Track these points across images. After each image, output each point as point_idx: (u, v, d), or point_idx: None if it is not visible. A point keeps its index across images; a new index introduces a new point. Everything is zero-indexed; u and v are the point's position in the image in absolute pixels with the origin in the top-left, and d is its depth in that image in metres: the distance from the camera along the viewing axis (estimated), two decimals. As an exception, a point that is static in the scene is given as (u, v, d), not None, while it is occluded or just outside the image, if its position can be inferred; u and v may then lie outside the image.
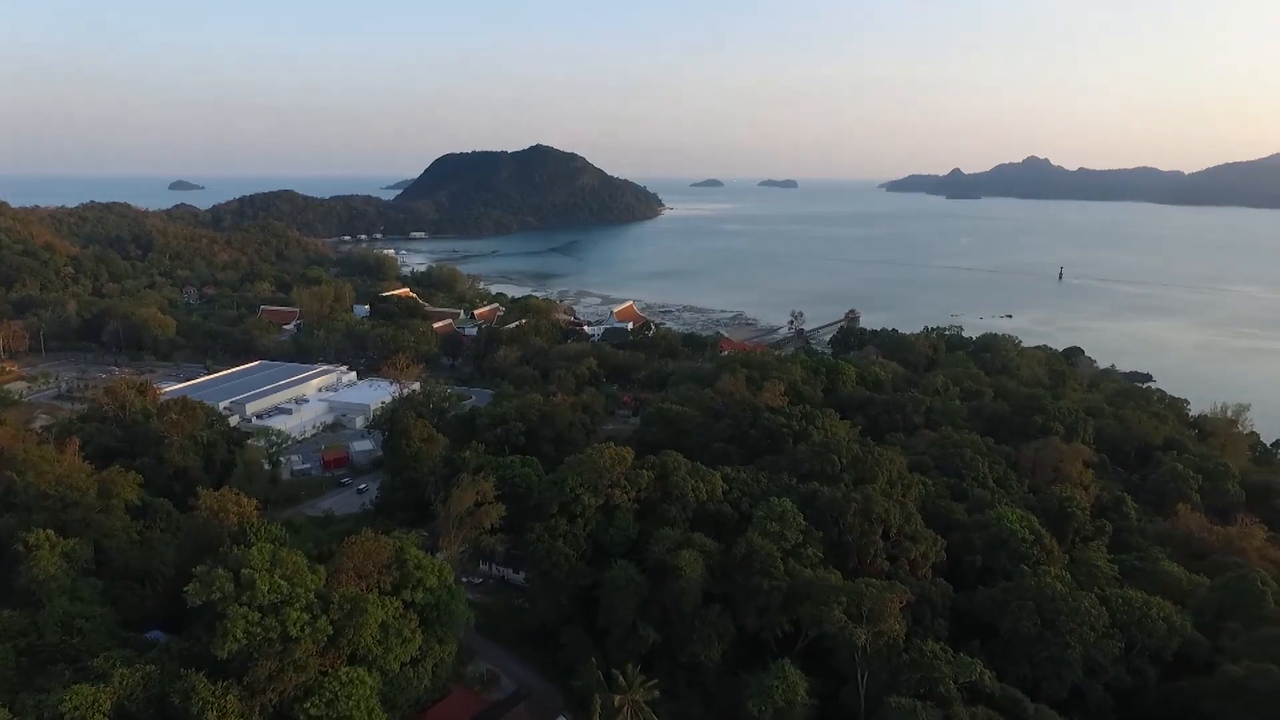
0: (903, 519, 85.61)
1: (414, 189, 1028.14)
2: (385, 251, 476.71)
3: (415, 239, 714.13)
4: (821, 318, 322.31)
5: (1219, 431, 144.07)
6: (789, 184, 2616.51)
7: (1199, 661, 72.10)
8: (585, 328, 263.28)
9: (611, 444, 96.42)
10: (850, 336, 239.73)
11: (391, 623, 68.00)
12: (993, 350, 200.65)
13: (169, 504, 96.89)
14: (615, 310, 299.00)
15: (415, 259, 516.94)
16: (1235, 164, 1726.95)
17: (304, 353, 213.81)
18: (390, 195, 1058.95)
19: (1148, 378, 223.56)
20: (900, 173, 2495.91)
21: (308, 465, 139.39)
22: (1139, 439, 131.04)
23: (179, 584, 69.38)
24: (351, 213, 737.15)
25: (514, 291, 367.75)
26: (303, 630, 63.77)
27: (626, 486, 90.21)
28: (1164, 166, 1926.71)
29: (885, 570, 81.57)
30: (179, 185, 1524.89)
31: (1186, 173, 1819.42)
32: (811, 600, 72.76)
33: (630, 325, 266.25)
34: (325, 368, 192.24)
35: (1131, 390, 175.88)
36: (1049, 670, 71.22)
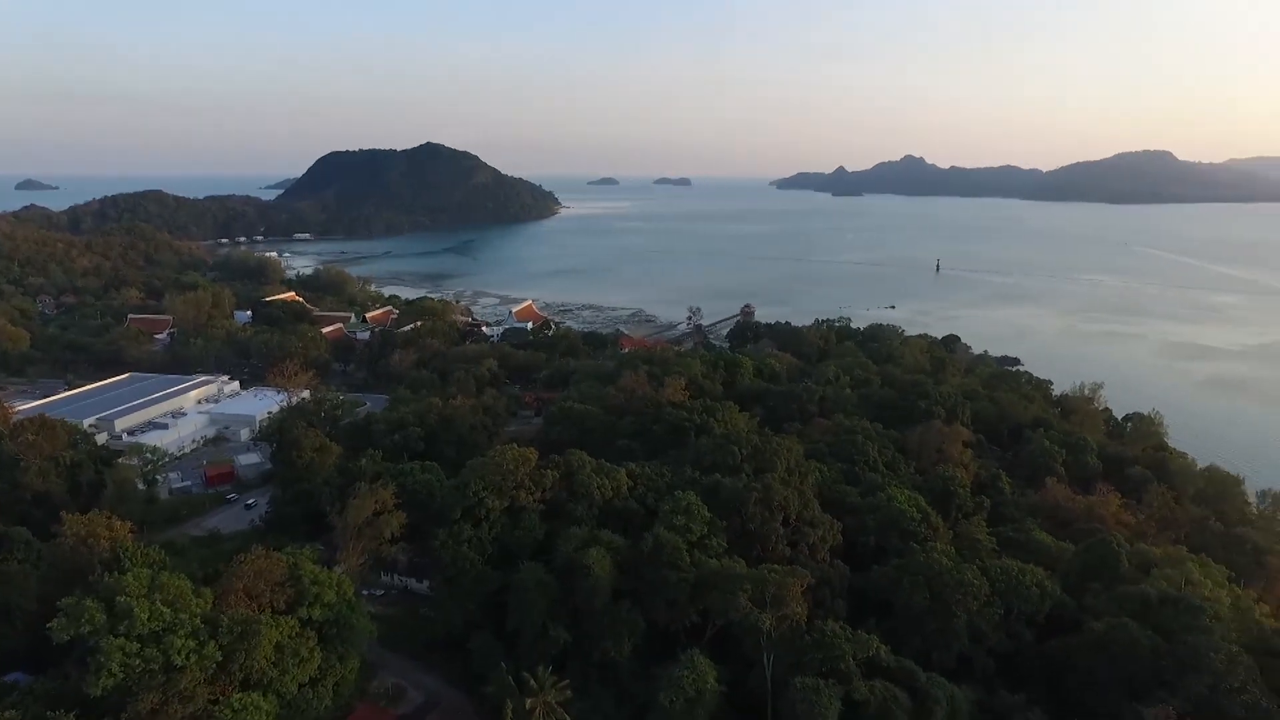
0: (801, 505, 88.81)
1: (297, 188, 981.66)
2: (268, 254, 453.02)
3: (300, 241, 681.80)
4: (719, 313, 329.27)
5: (1079, 409, 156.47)
6: (683, 182, 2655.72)
7: (1068, 621, 78.10)
8: (484, 328, 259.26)
9: (515, 445, 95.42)
10: (747, 330, 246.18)
11: (288, 643, 64.93)
12: (879, 340, 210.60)
13: (27, 533, 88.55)
14: (514, 310, 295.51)
15: (301, 261, 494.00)
16: (1085, 163, 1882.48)
17: (180, 363, 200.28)
18: (271, 195, 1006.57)
19: (1016, 362, 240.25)
20: (789, 171, 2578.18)
21: (189, 483, 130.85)
22: (1011, 419, 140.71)
23: (44, 619, 63.80)
24: (229, 214, 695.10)
25: (408, 293, 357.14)
26: (188, 658, 60.00)
27: (531, 487, 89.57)
28: (1024, 165, 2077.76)
29: (786, 556, 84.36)
30: (27, 185, 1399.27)
31: (1044, 171, 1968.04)
32: (718, 590, 74.43)
33: (530, 325, 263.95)
34: (205, 378, 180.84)
35: (1003, 374, 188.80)
36: (938, 640, 75.51)
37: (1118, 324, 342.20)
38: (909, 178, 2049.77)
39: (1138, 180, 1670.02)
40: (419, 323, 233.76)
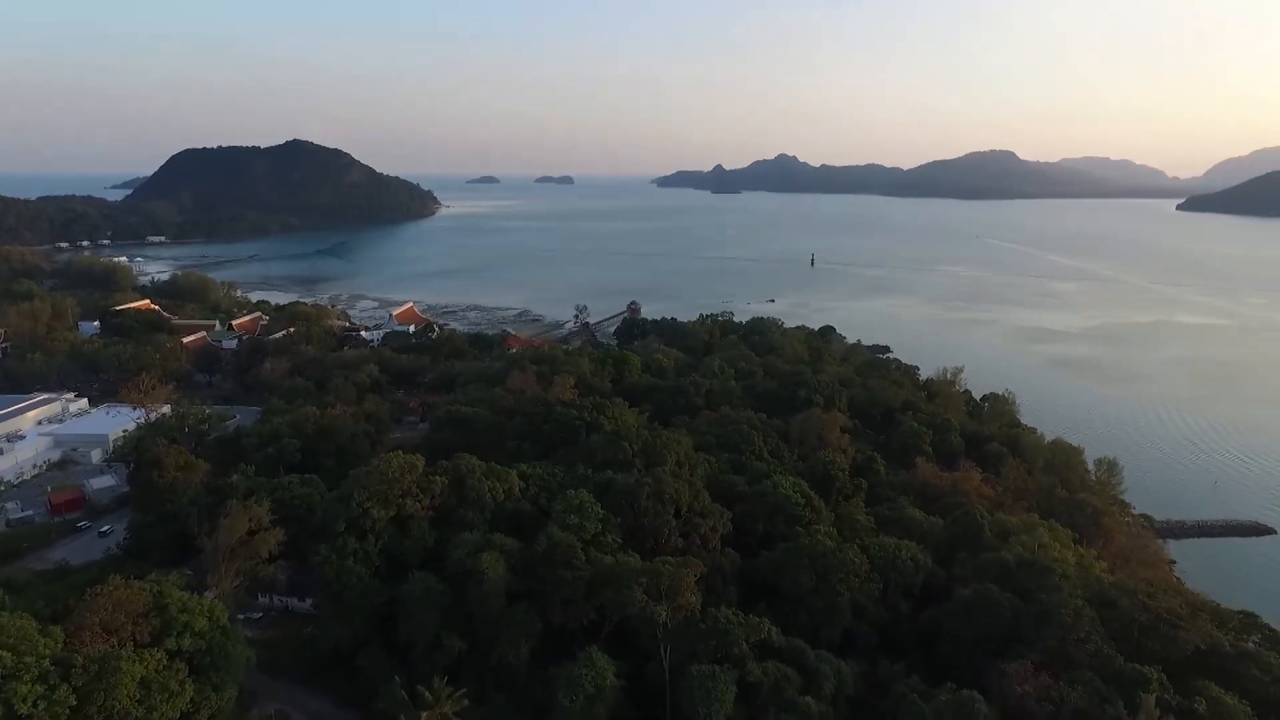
0: (692, 497, 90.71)
1: (148, 188, 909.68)
2: (117, 259, 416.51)
3: (154, 244, 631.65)
4: (605, 310, 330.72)
5: (942, 392, 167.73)
6: (566, 180, 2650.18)
7: (939, 590, 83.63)
8: (363, 333, 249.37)
9: (400, 452, 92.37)
10: (633, 327, 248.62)
11: (154, 677, 60.23)
12: (760, 332, 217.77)
13: None
14: (394, 313, 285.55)
15: (155, 267, 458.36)
16: (941, 162, 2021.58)
17: (15, 381, 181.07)
18: (119, 195, 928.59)
19: (887, 349, 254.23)
20: (670, 169, 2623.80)
21: (30, 512, 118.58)
22: (883, 403, 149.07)
23: None
24: (69, 216, 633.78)
25: (278, 298, 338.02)
26: (36, 705, 54.64)
27: (419, 495, 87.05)
28: (888, 164, 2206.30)
29: (679, 547, 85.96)
30: None
31: (905, 169, 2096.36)
32: (613, 585, 74.92)
33: (412, 328, 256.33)
34: (46, 396, 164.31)
35: (875, 361, 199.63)
36: (824, 618, 79.07)
37: (973, 311, 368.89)
38: (783, 175, 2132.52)
39: (986, 177, 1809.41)
40: (291, 329, 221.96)
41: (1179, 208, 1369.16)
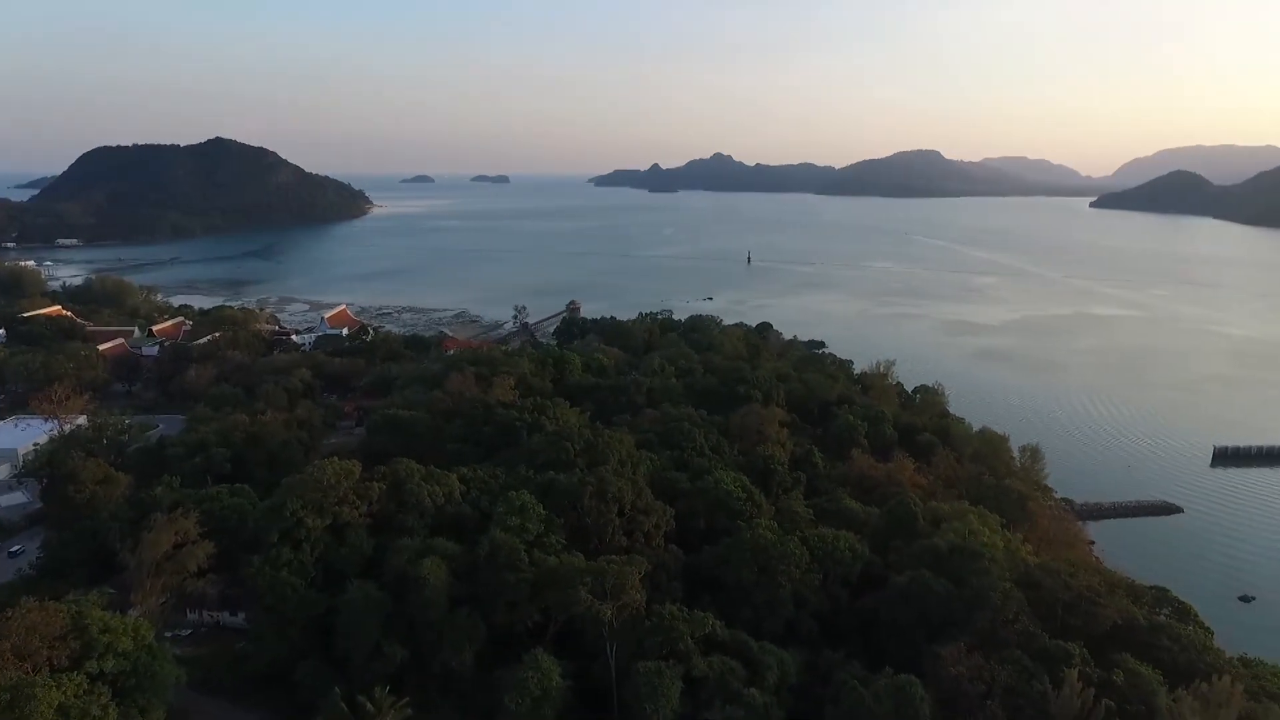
0: (635, 495, 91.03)
1: (58, 188, 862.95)
2: (23, 263, 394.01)
3: (65, 247, 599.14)
4: (544, 310, 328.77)
5: (876, 385, 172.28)
6: (502, 179, 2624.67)
7: (876, 578, 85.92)
8: (294, 337, 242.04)
9: (335, 459, 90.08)
10: (573, 327, 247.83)
11: (73, 703, 57.31)
12: (700, 330, 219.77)
13: None
14: (327, 316, 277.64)
15: (68, 271, 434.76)
16: (870, 161, 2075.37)
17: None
18: (25, 195, 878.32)
19: (822, 344, 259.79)
20: (607, 168, 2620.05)
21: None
22: (819, 397, 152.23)
23: None
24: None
25: (203, 302, 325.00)
26: (-55, 738, 51.39)
27: (356, 501, 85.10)
28: (820, 163, 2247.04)
29: (623, 545, 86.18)
30: None
31: (837, 168, 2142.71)
32: (558, 586, 74.68)
33: (345, 331, 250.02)
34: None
35: (811, 357, 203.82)
36: (767, 610, 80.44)
37: (903, 306, 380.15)
38: (719, 174, 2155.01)
39: (914, 176, 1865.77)
40: (217, 334, 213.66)
41: (1092, 205, 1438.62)
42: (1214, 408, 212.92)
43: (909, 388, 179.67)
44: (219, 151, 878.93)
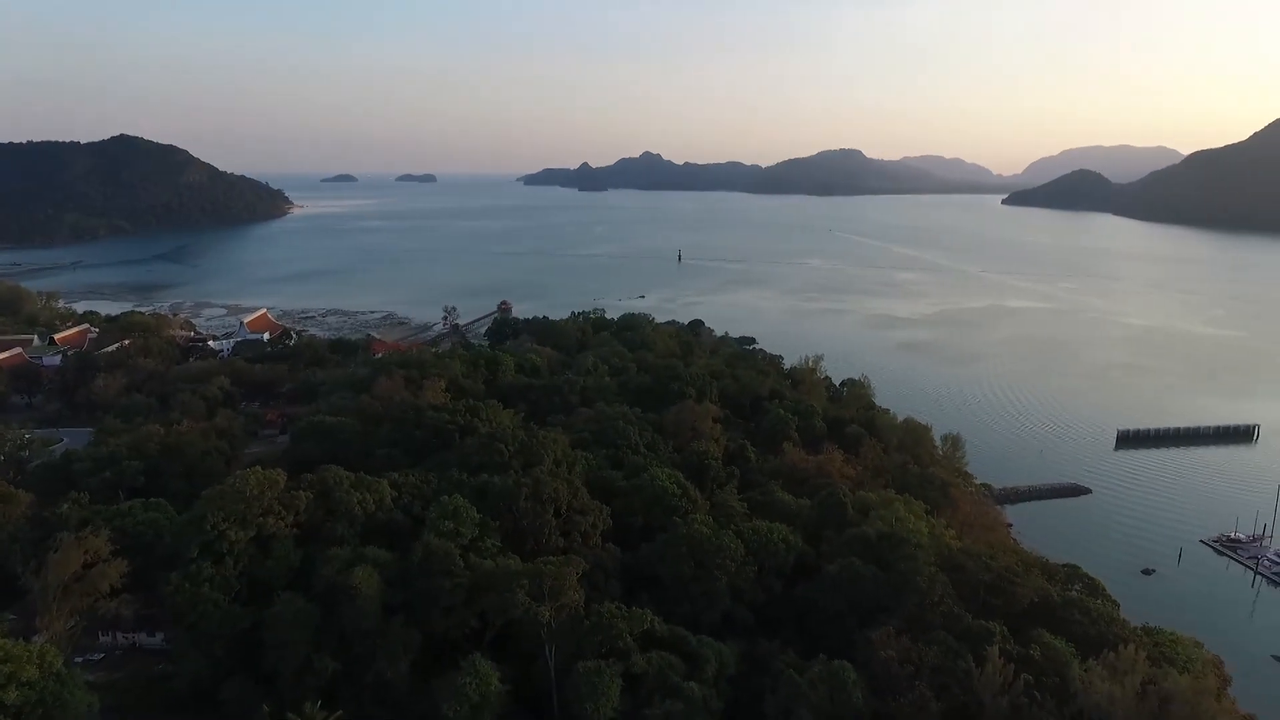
0: (571, 495, 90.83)
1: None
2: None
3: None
4: (475, 311, 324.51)
5: (805, 379, 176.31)
6: (428, 178, 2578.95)
7: (809, 568, 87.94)
8: (211, 343, 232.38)
9: (259, 468, 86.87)
10: (505, 327, 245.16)
11: (-24, 737, 53.82)
12: (632, 328, 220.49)
13: None
14: (246, 320, 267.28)
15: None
16: (796, 160, 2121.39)
17: None
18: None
19: (753, 340, 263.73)
20: (536, 166, 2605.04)
21: None
22: (751, 392, 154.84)
23: None
24: None
25: (110, 308, 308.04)
26: None
27: (282, 512, 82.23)
28: (747, 161, 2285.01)
29: (560, 546, 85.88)
30: None
31: (763, 166, 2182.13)
32: (495, 590, 73.90)
33: (266, 335, 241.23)
34: None
35: (742, 353, 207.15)
36: (704, 604, 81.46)
37: (829, 302, 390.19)
38: (648, 173, 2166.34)
39: (837, 175, 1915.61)
40: (127, 341, 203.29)
41: (1004, 202, 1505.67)
42: (1117, 393, 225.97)
43: (837, 381, 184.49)
44: (124, 149, 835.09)
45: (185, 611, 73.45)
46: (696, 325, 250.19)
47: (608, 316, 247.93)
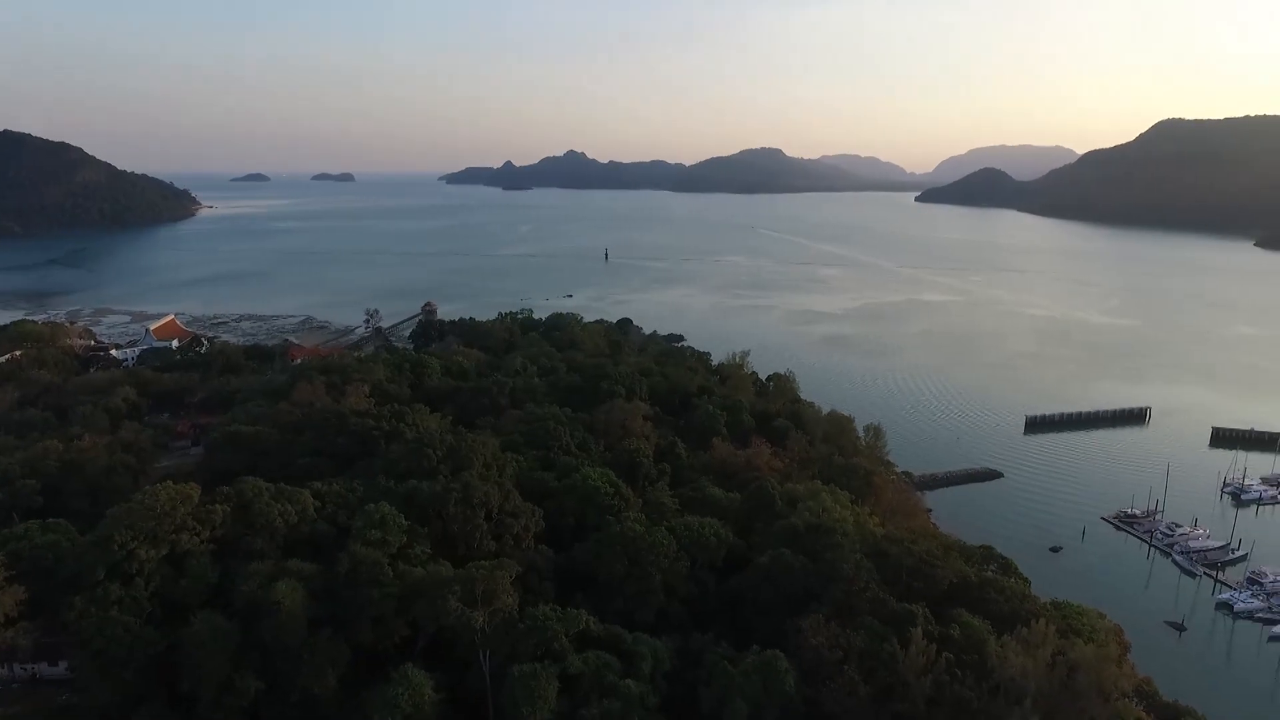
0: (502, 498, 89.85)
1: None
2: None
3: None
4: (399, 313, 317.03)
5: (733, 375, 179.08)
6: (346, 177, 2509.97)
7: (740, 560, 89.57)
8: (114, 352, 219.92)
9: (170, 482, 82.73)
10: (430, 329, 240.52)
11: None
12: (561, 328, 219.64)
13: None
14: (152, 327, 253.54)
15: None
16: (719, 158, 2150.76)
17: None
18: None
19: (681, 338, 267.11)
20: (459, 165, 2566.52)
21: None
22: (680, 390, 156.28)
23: None
24: None
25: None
26: None
27: (197, 527, 78.64)
28: (671, 160, 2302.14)
29: (492, 550, 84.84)
30: None
31: (687, 165, 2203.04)
32: (426, 597, 72.44)
33: (175, 343, 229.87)
34: None
35: (671, 350, 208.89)
36: (638, 601, 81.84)
37: (754, 298, 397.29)
38: (573, 172, 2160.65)
39: (758, 173, 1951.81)
40: (18, 352, 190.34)
41: (917, 199, 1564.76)
42: (1024, 380, 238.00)
43: (763, 376, 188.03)
44: (10, 146, 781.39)
45: (91, 637, 69.34)
46: (625, 324, 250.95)
47: (535, 316, 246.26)
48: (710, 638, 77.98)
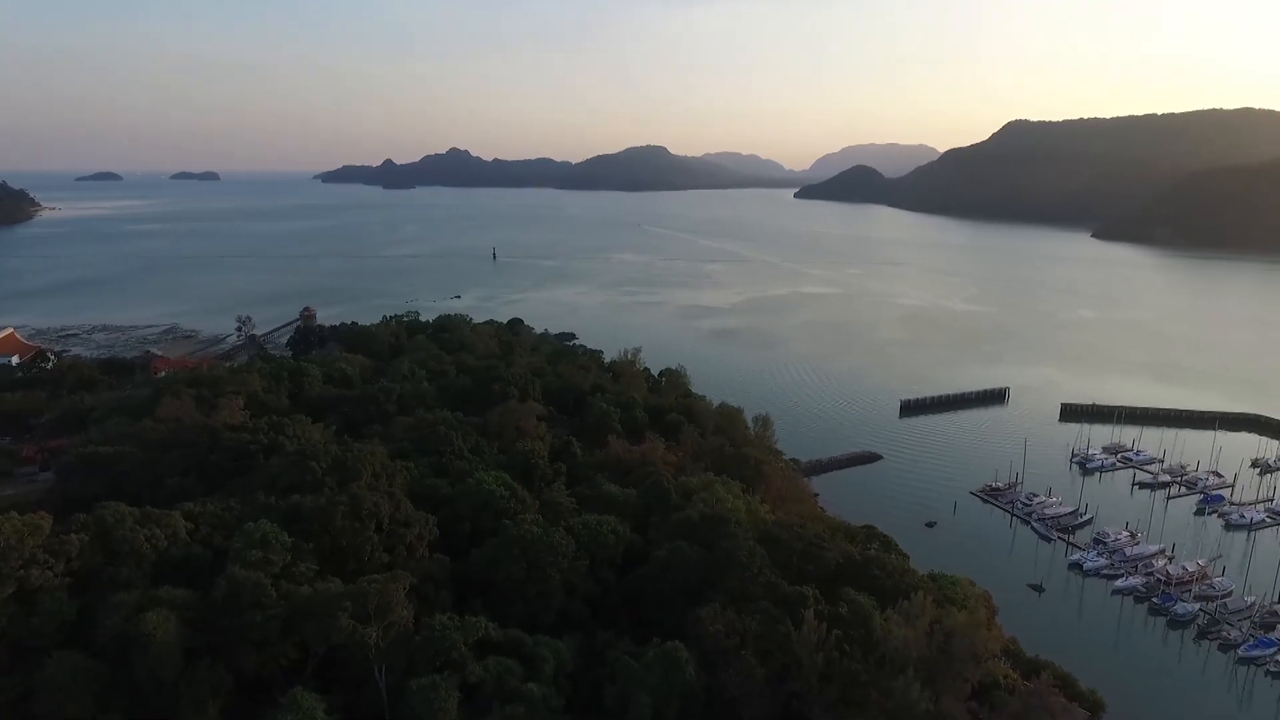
0: (393, 508, 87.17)
1: None
2: None
3: None
4: (274, 319, 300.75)
5: (625, 372, 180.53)
6: (210, 176, 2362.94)
7: (639, 555, 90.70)
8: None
9: (14, 514, 75.41)
10: (310, 335, 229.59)
11: None
12: (450, 330, 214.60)
13: None
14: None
15: None
16: (605, 156, 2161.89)
17: None
18: None
19: (573, 336, 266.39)
20: (335, 164, 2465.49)
21: None
22: (574, 388, 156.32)
23: None
24: None
25: None
26: None
27: (50, 560, 72.18)
28: (558, 158, 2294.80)
29: (385, 562, 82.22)
30: None
31: (574, 163, 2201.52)
32: (314, 616, 69.39)
33: (16, 359, 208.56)
34: None
35: (563, 349, 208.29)
36: (539, 604, 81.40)
37: (643, 295, 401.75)
38: (457, 170, 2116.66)
39: (644, 171, 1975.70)
40: None
41: (796, 196, 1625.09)
42: (898, 366, 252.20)
43: (655, 371, 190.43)
44: None
45: (-73, 690, 62.45)
46: (516, 324, 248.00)
47: (423, 319, 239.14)
48: (612, 634, 78.62)
